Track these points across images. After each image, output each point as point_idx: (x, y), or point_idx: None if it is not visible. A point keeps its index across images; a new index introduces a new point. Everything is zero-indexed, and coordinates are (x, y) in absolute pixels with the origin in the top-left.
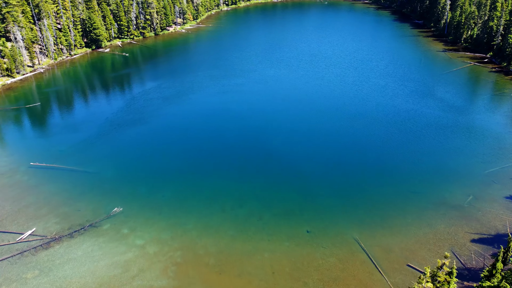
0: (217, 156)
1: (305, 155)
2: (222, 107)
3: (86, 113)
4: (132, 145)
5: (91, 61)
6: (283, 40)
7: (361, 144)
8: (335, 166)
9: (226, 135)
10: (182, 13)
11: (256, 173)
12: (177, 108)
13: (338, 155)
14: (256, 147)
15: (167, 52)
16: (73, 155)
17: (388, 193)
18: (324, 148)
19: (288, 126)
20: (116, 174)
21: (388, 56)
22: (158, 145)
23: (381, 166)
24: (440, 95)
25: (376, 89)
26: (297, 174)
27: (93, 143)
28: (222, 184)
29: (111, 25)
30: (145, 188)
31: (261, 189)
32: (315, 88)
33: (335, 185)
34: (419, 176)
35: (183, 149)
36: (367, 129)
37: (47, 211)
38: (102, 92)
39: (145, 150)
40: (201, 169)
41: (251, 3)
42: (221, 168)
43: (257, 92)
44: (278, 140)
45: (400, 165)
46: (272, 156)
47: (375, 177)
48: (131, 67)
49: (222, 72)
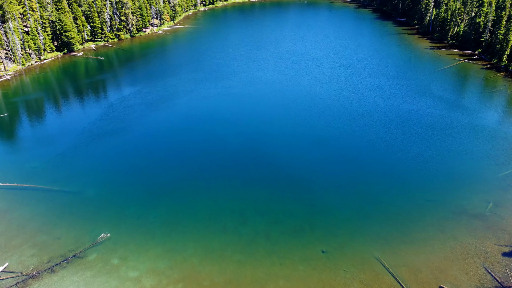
0: (212, 167)
1: (308, 162)
2: (212, 112)
3: (60, 124)
4: (115, 158)
5: (63, 66)
6: (267, 40)
7: (366, 149)
8: (342, 174)
9: (219, 143)
10: (159, 13)
11: (257, 185)
12: (162, 114)
13: (343, 162)
14: (254, 156)
15: (145, 54)
16: (48, 172)
17: (403, 203)
18: (327, 154)
19: (286, 131)
20: (100, 193)
21: (377, 55)
22: (145, 157)
23: (391, 172)
24: (437, 93)
25: (371, 89)
26: (302, 184)
27: (71, 157)
28: (220, 199)
29: (84, 27)
30: (134, 207)
31: (263, 203)
32: (308, 89)
33: (345, 196)
34: (431, 182)
35: (172, 161)
36: (370, 132)
37: (21, 241)
38: (77, 99)
39: (130, 163)
40: (195, 183)
41: (228, 3)
42: (217, 181)
43: (247, 95)
44: (277, 147)
45: (410, 170)
46: (272, 165)
47: (387, 186)
48: (107, 71)
49: (206, 74)
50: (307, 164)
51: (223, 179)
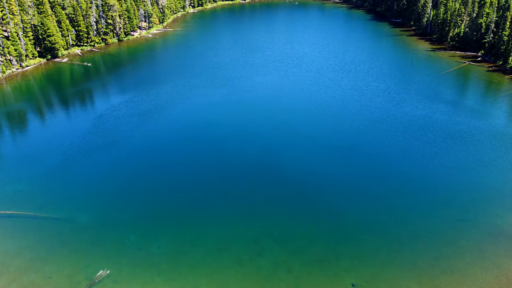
0: (218, 187)
1: (325, 178)
2: (212, 122)
3: (45, 139)
4: (108, 177)
5: (46, 73)
6: (263, 42)
7: (386, 161)
8: (363, 193)
9: (224, 158)
10: (148, 16)
11: (271, 207)
12: (157, 125)
13: (363, 177)
14: (265, 172)
15: (134, 60)
16: (34, 196)
17: (433, 224)
18: (344, 169)
19: (296, 143)
20: (94, 220)
21: (378, 57)
22: (141, 175)
23: (415, 188)
24: (448, 98)
25: (379, 94)
26: (321, 204)
27: (59, 177)
28: (230, 225)
29: (68, 31)
30: (134, 236)
31: (280, 229)
32: (313, 95)
33: (370, 218)
34: (459, 197)
35: (173, 180)
36: (387, 142)
37: (5, 281)
38: (63, 110)
39: (125, 183)
40: (200, 206)
41: (218, 5)
42: (226, 203)
43: (248, 102)
44: (289, 161)
45: (435, 185)
46: (285, 182)
47: (414, 204)
48: (94, 79)
49: (202, 80)
50: (324, 180)
51: (232, 200)
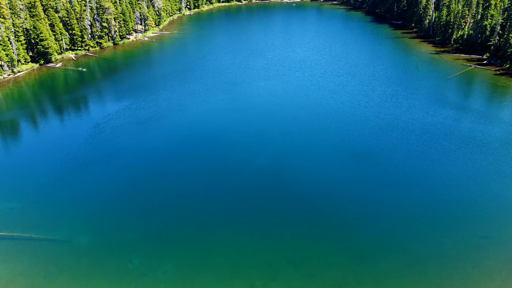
0: (225, 203)
1: (339, 192)
2: (216, 130)
3: (39, 150)
4: (107, 193)
5: (39, 79)
6: (263, 45)
7: (401, 173)
8: (380, 207)
9: (231, 170)
10: (143, 19)
11: (282, 225)
12: (158, 135)
13: (379, 192)
14: (275, 186)
15: (131, 64)
16: (29, 214)
17: (457, 242)
18: (359, 182)
19: (306, 154)
20: (94, 241)
21: (382, 60)
22: (143, 190)
23: (435, 202)
24: (457, 103)
25: (386, 99)
26: (336, 221)
27: (55, 193)
28: (240, 246)
29: (62, 35)
30: (138, 259)
31: (294, 250)
32: (319, 101)
33: (388, 235)
34: (481, 212)
35: (177, 195)
36: (401, 152)
37: None
38: (58, 119)
39: (126, 198)
40: (207, 224)
41: (214, 6)
42: (234, 221)
43: (252, 109)
44: (299, 173)
45: (455, 198)
46: (297, 197)
47: (433, 219)
48: (89, 85)
49: (202, 86)
50: (338, 193)
51: (241, 217)
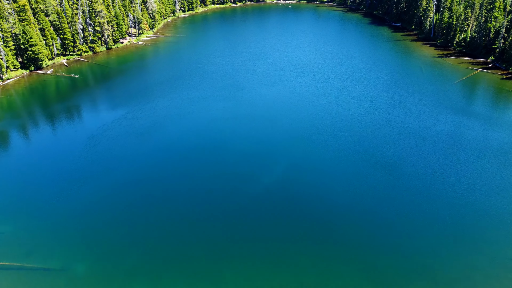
0: (233, 224)
1: (357, 209)
2: (219, 141)
3: (31, 165)
4: (105, 214)
5: (30, 86)
6: (262, 49)
7: (419, 187)
8: (401, 227)
9: (237, 187)
10: (137, 22)
11: (296, 249)
12: (157, 147)
13: (398, 208)
14: (286, 203)
15: (125, 70)
16: (20, 240)
17: (484, 265)
18: (380, 199)
19: (316, 166)
20: (92, 269)
21: (385, 64)
22: (145, 211)
23: (458, 220)
24: (467, 109)
25: (394, 106)
26: (356, 242)
27: (48, 215)
28: (251, 274)
29: (53, 40)
30: None
31: (309, 276)
32: (325, 108)
33: (412, 258)
34: (504, 230)
35: (181, 216)
36: (416, 164)
37: None
38: (50, 131)
39: (126, 220)
40: (214, 249)
41: (208, 8)
42: (244, 244)
43: (257, 118)
44: (311, 188)
45: (478, 215)
46: (311, 215)
47: (458, 239)
48: (82, 92)
49: (202, 93)
50: (357, 210)
51: (251, 242)
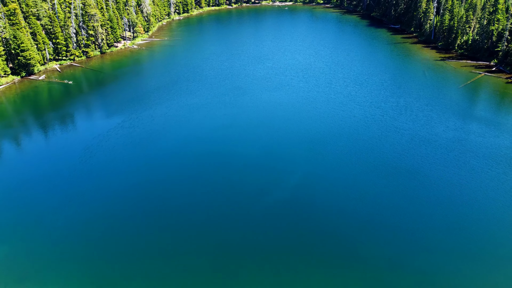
0: (241, 247)
1: (376, 226)
2: (222, 152)
3: (22, 179)
4: (106, 234)
5: (21, 93)
6: (260, 53)
7: (435, 200)
8: (419, 243)
9: (244, 205)
10: (132, 25)
11: (312, 268)
12: (157, 160)
13: (424, 225)
14: (300, 224)
15: (120, 75)
16: (12, 266)
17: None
18: (400, 214)
19: (330, 181)
20: None
21: (387, 68)
22: (145, 230)
23: (473, 233)
24: (476, 115)
25: (401, 112)
26: (376, 265)
27: (42, 236)
28: None
29: (45, 45)
30: None
31: None
32: (330, 115)
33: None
34: None
35: (183, 236)
36: (430, 176)
37: None
38: (43, 141)
39: (127, 241)
40: (220, 275)
41: (204, 11)
42: (252, 270)
43: (260, 126)
44: (328, 207)
45: (499, 234)
46: (328, 236)
47: (479, 260)
48: (76, 99)
49: (201, 99)
50: (371, 225)
51: (260, 265)
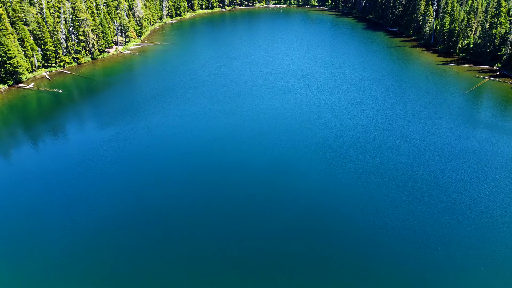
0: (248, 266)
1: (389, 238)
2: (224, 166)
3: (12, 198)
4: (103, 257)
5: (9, 103)
6: (258, 57)
7: (453, 214)
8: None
9: (249, 223)
10: (124, 30)
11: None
12: (155, 176)
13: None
14: (316, 247)
15: (113, 82)
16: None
17: None
18: (411, 226)
19: (341, 194)
20: None
21: (390, 73)
22: (146, 253)
23: (500, 252)
24: (486, 122)
25: (409, 120)
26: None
27: (36, 263)
28: None
29: (33, 51)
30: None
31: None
32: (335, 123)
33: None
34: None
35: (185, 261)
36: (448, 190)
37: None
38: (33, 156)
39: (125, 260)
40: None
41: (197, 14)
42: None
43: (264, 136)
44: (335, 221)
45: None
46: (348, 258)
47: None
48: (67, 109)
49: (199, 108)
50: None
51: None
